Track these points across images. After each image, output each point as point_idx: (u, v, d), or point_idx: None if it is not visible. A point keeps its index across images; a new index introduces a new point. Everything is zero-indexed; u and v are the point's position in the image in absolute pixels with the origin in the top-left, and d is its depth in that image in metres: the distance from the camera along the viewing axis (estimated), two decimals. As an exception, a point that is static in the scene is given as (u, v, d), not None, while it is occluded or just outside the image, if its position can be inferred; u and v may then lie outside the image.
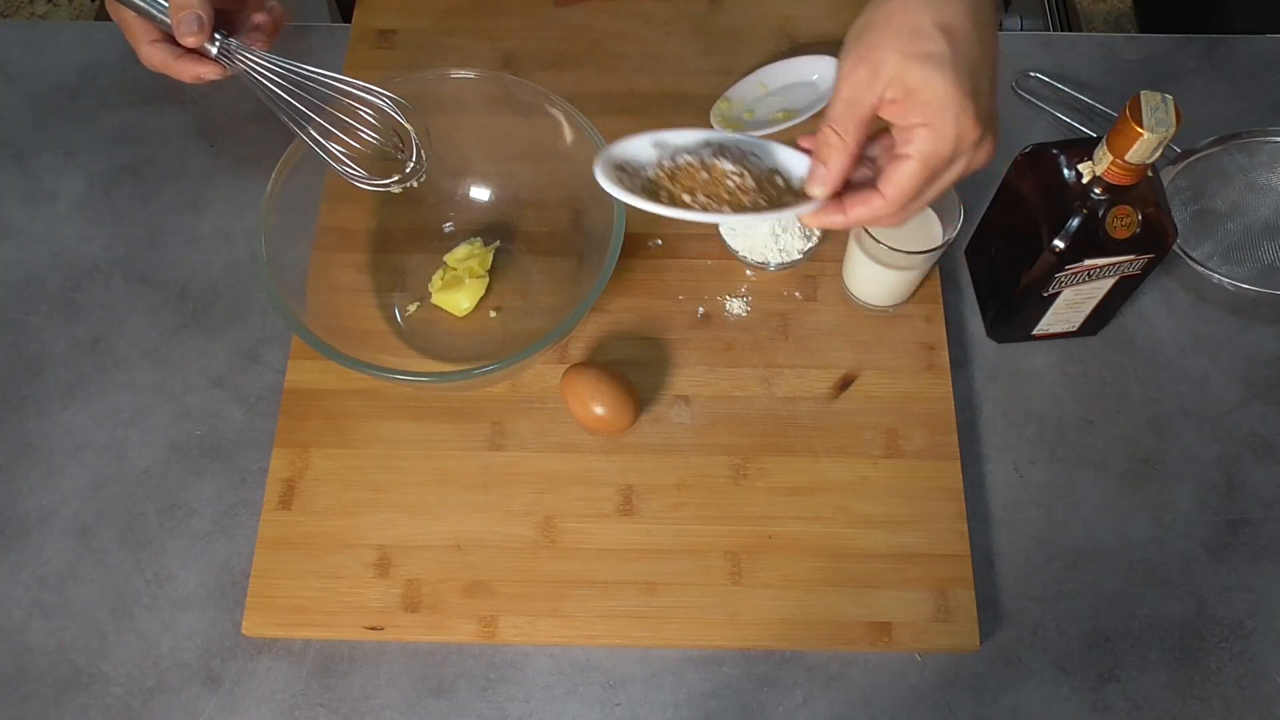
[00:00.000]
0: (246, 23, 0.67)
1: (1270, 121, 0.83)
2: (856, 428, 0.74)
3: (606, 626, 0.68)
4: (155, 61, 0.64)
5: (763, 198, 0.55)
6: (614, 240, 0.68)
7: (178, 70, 0.64)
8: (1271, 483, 0.74)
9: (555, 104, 0.74)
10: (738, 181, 0.55)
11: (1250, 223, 0.81)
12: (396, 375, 0.66)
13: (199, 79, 0.64)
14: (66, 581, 0.71)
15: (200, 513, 0.73)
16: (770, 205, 0.54)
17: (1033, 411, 0.76)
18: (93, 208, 0.85)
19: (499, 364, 0.66)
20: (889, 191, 0.53)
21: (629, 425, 0.72)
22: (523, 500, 0.72)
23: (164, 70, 0.64)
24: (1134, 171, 0.63)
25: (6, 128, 0.88)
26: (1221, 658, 0.69)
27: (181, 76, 0.64)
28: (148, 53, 0.64)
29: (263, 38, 0.66)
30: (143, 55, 0.65)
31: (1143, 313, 0.80)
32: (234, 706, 0.67)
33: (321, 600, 0.69)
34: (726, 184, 0.55)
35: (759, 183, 0.55)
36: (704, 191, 0.55)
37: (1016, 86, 0.89)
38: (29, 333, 0.79)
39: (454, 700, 0.67)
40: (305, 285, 0.72)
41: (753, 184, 0.54)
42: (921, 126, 0.51)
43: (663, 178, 0.56)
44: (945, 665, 0.68)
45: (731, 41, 0.90)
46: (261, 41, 0.66)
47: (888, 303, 0.78)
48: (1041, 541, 0.72)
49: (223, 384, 0.77)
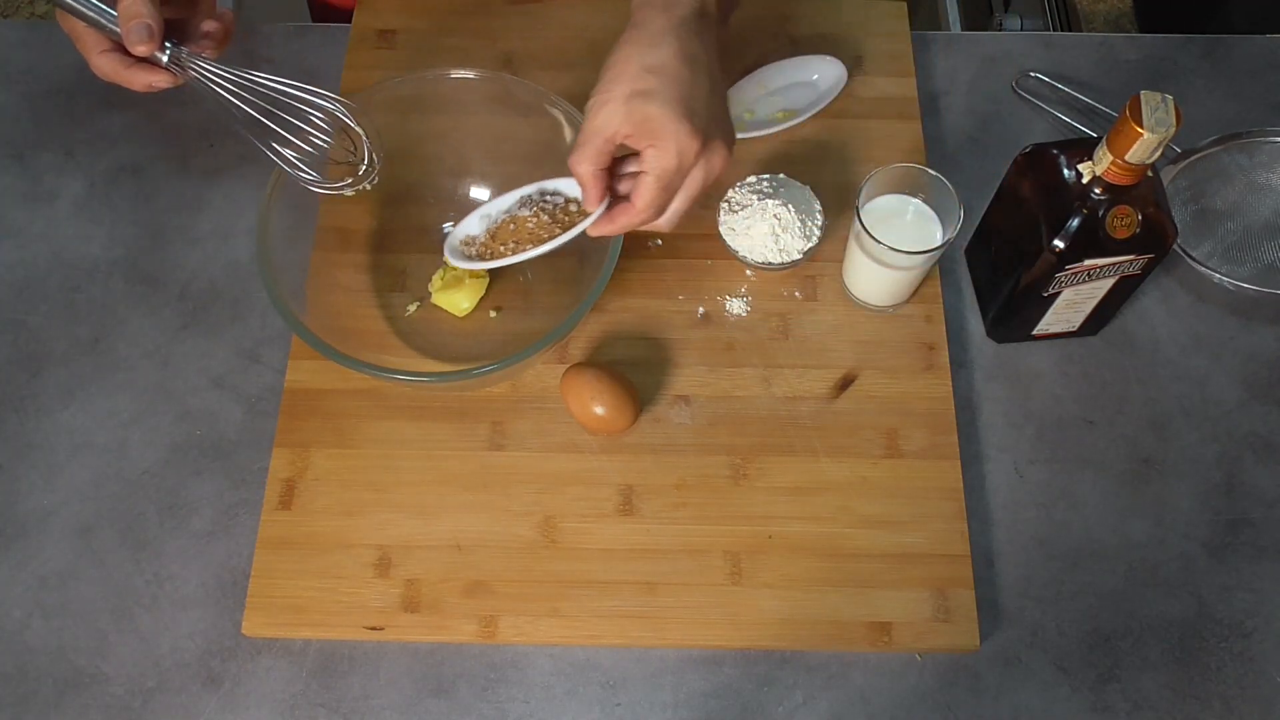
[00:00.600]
0: (196, 30, 0.67)
1: (1270, 121, 0.83)
2: (856, 428, 0.74)
3: (606, 626, 0.68)
4: (106, 70, 0.65)
5: (558, 227, 0.69)
6: (614, 241, 0.68)
7: (129, 79, 0.65)
8: (1271, 483, 0.74)
9: (555, 104, 0.74)
10: (536, 222, 0.70)
11: (1250, 223, 0.81)
12: (396, 375, 0.66)
13: (150, 87, 0.65)
14: (66, 581, 0.71)
15: (200, 513, 0.73)
16: (564, 230, 0.68)
17: (1033, 411, 0.76)
18: (93, 208, 0.85)
19: (499, 364, 0.66)
20: (637, 202, 0.64)
21: (629, 425, 0.72)
22: (523, 500, 0.72)
23: (115, 79, 0.65)
24: (1134, 171, 0.63)
25: (6, 128, 0.88)
26: (1221, 658, 0.69)
27: (133, 85, 0.65)
28: (99, 62, 0.65)
29: (212, 45, 0.67)
30: (94, 65, 0.65)
31: (1143, 313, 0.80)
32: (234, 706, 0.67)
33: (321, 600, 0.69)
34: (528, 227, 0.70)
35: (554, 216, 0.70)
36: (514, 239, 0.70)
37: (1016, 86, 0.89)
38: (29, 333, 0.79)
39: (454, 700, 0.67)
40: (305, 285, 0.73)
41: (548, 219, 0.69)
42: (650, 148, 0.62)
43: (488, 240, 0.72)
44: (945, 665, 0.68)
45: (732, 42, 0.90)
46: (211, 49, 0.67)
47: (888, 303, 0.78)
48: (1041, 541, 0.72)
49: (223, 384, 0.77)
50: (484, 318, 0.79)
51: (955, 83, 0.90)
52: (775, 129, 0.84)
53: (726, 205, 0.79)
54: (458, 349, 0.77)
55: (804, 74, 0.88)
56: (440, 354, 0.77)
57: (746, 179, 0.79)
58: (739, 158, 0.84)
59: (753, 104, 0.87)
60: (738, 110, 0.86)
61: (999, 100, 0.89)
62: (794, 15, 0.90)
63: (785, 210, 0.77)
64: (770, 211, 0.77)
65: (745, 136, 0.85)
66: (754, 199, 0.78)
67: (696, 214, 0.82)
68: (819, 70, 0.87)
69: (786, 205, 0.77)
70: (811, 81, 0.87)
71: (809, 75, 0.87)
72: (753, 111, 0.86)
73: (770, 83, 0.88)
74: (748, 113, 0.86)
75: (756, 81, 0.87)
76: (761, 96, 0.87)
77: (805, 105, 0.86)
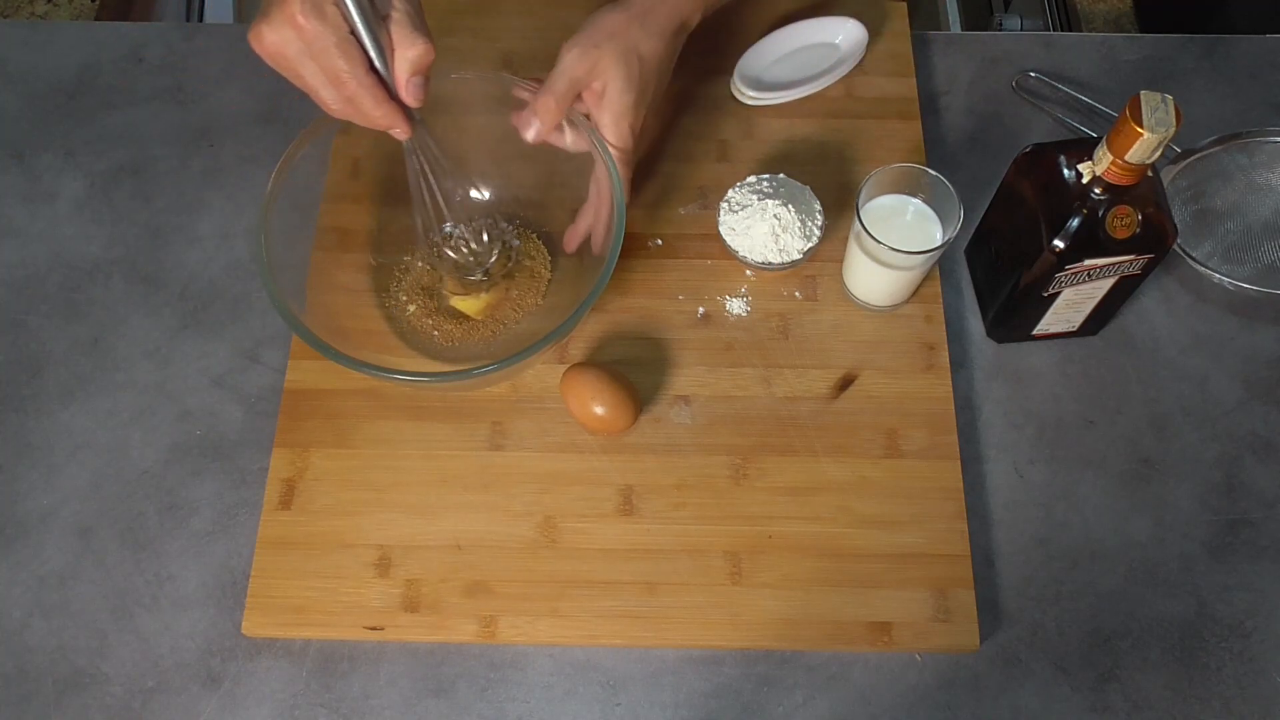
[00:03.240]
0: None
1: (1270, 121, 0.84)
2: (856, 428, 0.74)
3: (606, 626, 0.68)
4: (364, 99, 0.59)
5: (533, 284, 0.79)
6: (614, 240, 0.68)
7: (391, 115, 0.61)
8: (1271, 483, 0.74)
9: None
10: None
11: (1250, 223, 0.81)
12: (396, 375, 0.66)
13: (396, 131, 0.62)
14: (66, 581, 0.71)
15: (200, 513, 0.73)
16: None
17: (1033, 411, 0.76)
18: (93, 208, 0.85)
19: (499, 364, 0.66)
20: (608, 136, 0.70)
21: (629, 425, 0.72)
22: (523, 500, 0.72)
23: (367, 109, 0.60)
24: (1134, 171, 0.63)
25: (6, 128, 0.88)
26: (1221, 658, 0.69)
27: (381, 124, 0.61)
28: (356, 90, 0.58)
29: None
30: (349, 91, 0.58)
31: (1143, 313, 0.80)
32: (234, 706, 0.67)
33: (321, 600, 0.69)
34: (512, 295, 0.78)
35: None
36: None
37: (1016, 86, 0.89)
38: (29, 333, 0.79)
39: (454, 700, 0.67)
40: (305, 285, 0.72)
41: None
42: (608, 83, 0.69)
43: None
44: (945, 665, 0.68)
45: (732, 41, 0.90)
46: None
47: (888, 303, 0.78)
48: (1041, 541, 0.72)
49: (223, 384, 0.77)
50: (484, 319, 0.78)
51: (955, 83, 0.90)
52: (797, 94, 0.86)
53: (726, 205, 0.79)
54: (458, 349, 0.77)
55: (827, 35, 0.89)
56: (440, 354, 0.77)
57: (746, 179, 0.79)
58: (739, 157, 0.85)
59: (771, 66, 0.88)
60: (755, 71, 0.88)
61: (999, 100, 0.89)
62: (794, 16, 0.90)
63: (785, 210, 0.77)
64: (770, 211, 0.77)
65: (771, 100, 0.86)
66: (754, 199, 0.78)
67: (696, 214, 0.83)
68: (842, 31, 0.89)
69: (786, 205, 0.77)
70: (834, 43, 0.89)
71: (833, 37, 0.89)
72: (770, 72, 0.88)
73: (789, 45, 0.89)
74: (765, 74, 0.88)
75: (774, 43, 0.88)
76: (781, 58, 0.88)
77: (827, 68, 0.87)
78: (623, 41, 0.68)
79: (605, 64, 0.68)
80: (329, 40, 0.56)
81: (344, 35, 0.57)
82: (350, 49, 0.57)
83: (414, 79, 0.61)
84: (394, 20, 0.59)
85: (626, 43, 0.68)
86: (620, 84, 0.68)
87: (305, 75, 0.58)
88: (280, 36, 0.56)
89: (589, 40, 0.68)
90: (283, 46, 0.57)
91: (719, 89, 0.88)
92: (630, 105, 0.69)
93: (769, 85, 0.87)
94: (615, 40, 0.68)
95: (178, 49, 0.92)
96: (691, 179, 0.84)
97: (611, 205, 0.70)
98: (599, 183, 0.72)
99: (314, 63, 0.57)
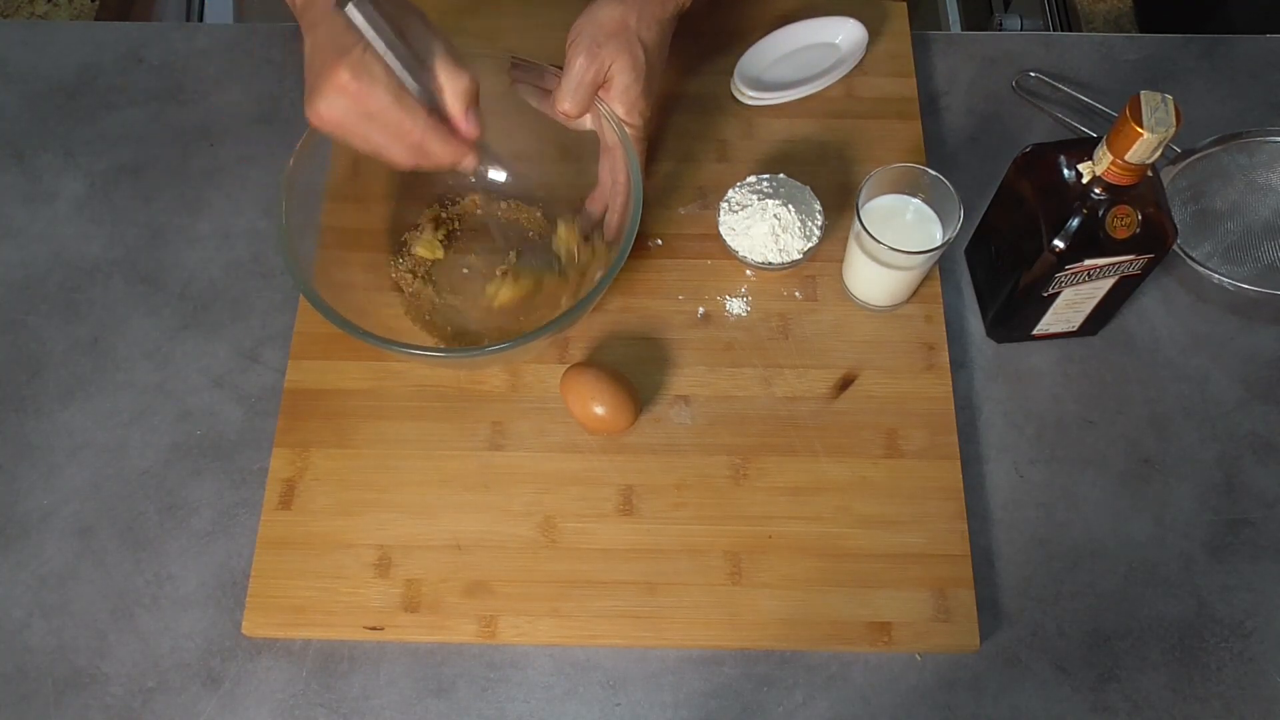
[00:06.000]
0: None
1: (1270, 121, 0.83)
2: (856, 428, 0.74)
3: (606, 626, 0.68)
4: (431, 143, 0.60)
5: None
6: (626, 238, 0.68)
7: (458, 150, 0.61)
8: (1271, 483, 0.74)
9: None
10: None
11: (1250, 223, 0.81)
12: (402, 348, 0.65)
13: (466, 163, 0.63)
14: (66, 581, 0.71)
15: (200, 513, 0.73)
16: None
17: (1033, 411, 0.76)
18: (93, 208, 0.85)
19: (503, 345, 0.66)
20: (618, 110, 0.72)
21: (629, 425, 0.72)
22: (523, 500, 0.72)
23: (435, 152, 0.61)
24: (1134, 171, 0.63)
25: (6, 128, 0.88)
26: (1221, 658, 0.69)
27: (450, 161, 0.62)
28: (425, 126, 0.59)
29: None
30: (414, 139, 0.59)
31: (1143, 313, 0.80)
32: (234, 706, 0.67)
33: (321, 600, 0.69)
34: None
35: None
36: None
37: (1016, 86, 0.89)
38: (29, 333, 0.79)
39: (454, 700, 0.67)
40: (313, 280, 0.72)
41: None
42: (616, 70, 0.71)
43: None
44: (945, 665, 0.68)
45: (732, 41, 0.90)
46: None
47: (888, 303, 0.78)
48: (1041, 541, 0.72)
49: (223, 384, 0.77)
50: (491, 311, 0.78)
51: (955, 83, 0.90)
52: (797, 94, 0.86)
53: (726, 205, 0.79)
54: (464, 340, 0.77)
55: (825, 35, 0.89)
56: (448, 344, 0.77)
57: (746, 179, 0.79)
58: (739, 157, 0.85)
59: (771, 66, 0.88)
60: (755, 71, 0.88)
61: (999, 100, 0.89)
62: (793, 16, 0.90)
63: (785, 210, 0.77)
64: (770, 211, 0.77)
65: (771, 100, 0.86)
66: (754, 199, 0.78)
67: (696, 214, 0.83)
68: (841, 31, 0.89)
69: (786, 205, 0.77)
70: (834, 43, 0.89)
71: (832, 37, 0.89)
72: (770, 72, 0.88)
73: (785, 46, 0.89)
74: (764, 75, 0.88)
75: (774, 43, 0.88)
76: (781, 57, 0.88)
77: (827, 68, 0.87)
78: (625, 37, 0.70)
79: (613, 61, 0.70)
80: (385, 99, 0.57)
81: (396, 90, 0.57)
82: (406, 100, 0.58)
83: (470, 112, 0.61)
84: (437, 60, 0.60)
85: (628, 37, 0.70)
86: (629, 78, 0.71)
87: (371, 136, 0.59)
88: (337, 107, 0.57)
89: (592, 41, 0.70)
90: (342, 116, 0.57)
91: (719, 89, 0.88)
92: (640, 94, 0.72)
93: (769, 85, 0.87)
94: (617, 39, 0.70)
95: (178, 49, 0.92)
96: (691, 179, 0.84)
97: (628, 190, 0.72)
98: (614, 167, 0.73)
99: (375, 122, 0.58)
